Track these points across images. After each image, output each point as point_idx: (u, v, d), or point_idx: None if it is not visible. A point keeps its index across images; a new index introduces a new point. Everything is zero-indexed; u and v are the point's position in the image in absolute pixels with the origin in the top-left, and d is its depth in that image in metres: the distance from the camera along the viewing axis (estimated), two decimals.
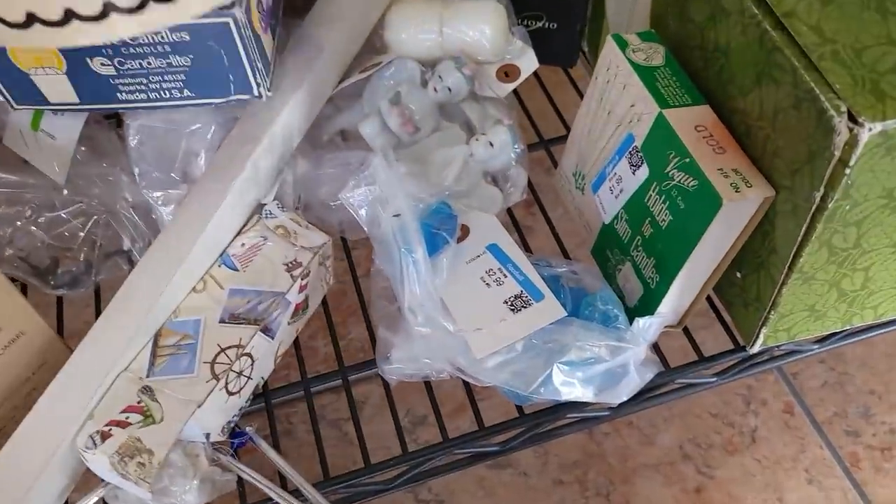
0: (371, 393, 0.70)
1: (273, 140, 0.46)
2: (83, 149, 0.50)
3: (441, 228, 0.45)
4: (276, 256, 0.43)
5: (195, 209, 0.43)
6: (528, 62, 0.55)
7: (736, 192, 0.39)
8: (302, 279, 0.44)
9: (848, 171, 0.35)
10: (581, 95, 0.64)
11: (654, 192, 0.44)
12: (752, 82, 0.40)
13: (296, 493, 0.42)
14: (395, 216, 0.44)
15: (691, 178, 0.41)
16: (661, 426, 0.69)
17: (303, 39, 0.48)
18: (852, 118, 0.34)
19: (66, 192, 0.48)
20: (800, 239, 0.38)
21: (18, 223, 0.46)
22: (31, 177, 0.49)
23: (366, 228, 0.46)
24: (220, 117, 0.45)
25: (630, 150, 0.45)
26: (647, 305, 0.46)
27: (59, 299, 0.50)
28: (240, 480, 0.42)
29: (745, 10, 0.40)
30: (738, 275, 0.45)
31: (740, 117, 0.42)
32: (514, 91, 0.59)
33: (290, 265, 0.43)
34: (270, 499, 0.42)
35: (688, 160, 0.41)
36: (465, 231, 0.47)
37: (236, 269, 0.43)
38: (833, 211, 0.37)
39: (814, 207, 0.37)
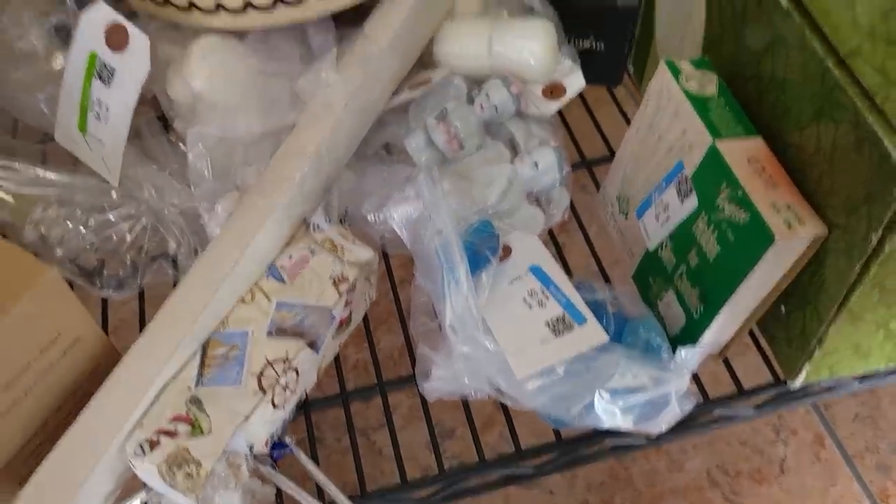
0: (399, 403, 0.71)
1: (321, 158, 0.46)
2: (133, 150, 0.50)
3: (483, 247, 0.45)
4: (324, 270, 0.44)
5: (243, 222, 0.43)
6: (576, 81, 0.55)
7: (788, 228, 0.39)
8: (348, 294, 0.44)
9: None
10: (623, 114, 0.64)
11: (702, 222, 0.43)
12: (810, 118, 0.40)
13: None
14: (437, 233, 0.44)
15: (743, 212, 0.40)
16: (690, 452, 0.69)
17: (355, 57, 0.48)
18: None
19: (114, 194, 0.49)
20: (853, 280, 0.38)
21: (69, 224, 0.47)
22: (82, 178, 0.49)
23: (408, 245, 0.46)
24: (277, 130, 0.45)
25: (679, 177, 0.45)
26: (689, 335, 0.46)
27: (104, 300, 0.51)
28: (278, 492, 0.42)
29: (806, 45, 0.39)
30: (783, 310, 0.44)
31: (794, 151, 0.41)
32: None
33: (337, 280, 0.44)
34: None
35: (740, 193, 0.40)
36: (507, 251, 0.47)
37: (284, 281, 0.43)
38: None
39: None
